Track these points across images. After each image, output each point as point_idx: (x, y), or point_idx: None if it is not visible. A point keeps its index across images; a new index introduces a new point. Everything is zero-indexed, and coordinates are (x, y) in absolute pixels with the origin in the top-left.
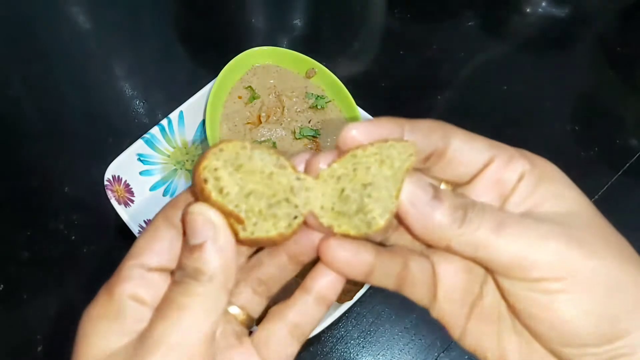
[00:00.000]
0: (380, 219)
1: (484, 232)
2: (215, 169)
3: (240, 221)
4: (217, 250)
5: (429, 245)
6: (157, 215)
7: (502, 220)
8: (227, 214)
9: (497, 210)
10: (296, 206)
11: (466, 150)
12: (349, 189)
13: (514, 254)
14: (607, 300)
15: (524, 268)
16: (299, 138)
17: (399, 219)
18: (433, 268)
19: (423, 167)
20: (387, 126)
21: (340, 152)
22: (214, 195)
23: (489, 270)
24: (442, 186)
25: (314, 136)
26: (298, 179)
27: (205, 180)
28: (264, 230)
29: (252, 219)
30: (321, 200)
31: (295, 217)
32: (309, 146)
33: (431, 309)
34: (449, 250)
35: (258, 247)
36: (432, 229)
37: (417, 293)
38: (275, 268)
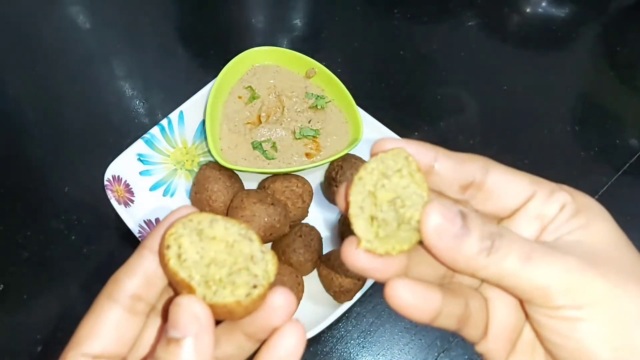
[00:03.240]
0: None
1: (510, 262)
2: (180, 237)
3: (191, 290)
4: (196, 350)
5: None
6: (100, 294)
7: (529, 251)
8: (180, 282)
9: (524, 240)
10: (256, 275)
11: (506, 183)
12: (379, 212)
13: (538, 283)
14: (628, 330)
15: (546, 296)
16: (299, 138)
17: (425, 247)
18: (486, 304)
19: (462, 198)
20: (426, 149)
21: (347, 187)
22: (172, 262)
23: (514, 296)
24: None
25: (313, 136)
26: (262, 251)
27: (168, 247)
28: (222, 296)
29: (212, 287)
30: (364, 234)
31: (255, 287)
32: (309, 146)
33: (477, 345)
34: (474, 277)
35: (217, 321)
36: (459, 260)
37: (474, 331)
38: (234, 347)
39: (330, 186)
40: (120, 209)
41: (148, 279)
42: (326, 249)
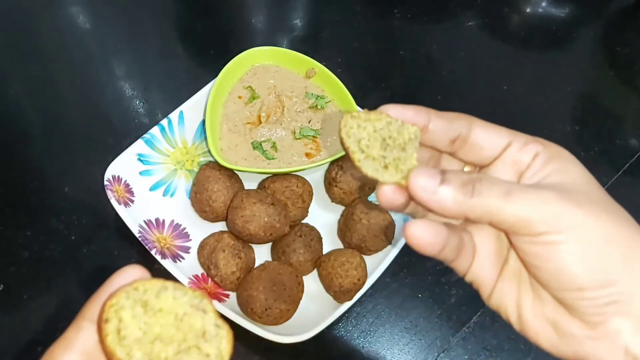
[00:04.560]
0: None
1: (493, 200)
2: (120, 309)
3: None
4: None
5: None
6: None
7: (508, 189)
8: None
9: (503, 181)
10: (207, 355)
11: (487, 136)
12: (377, 152)
13: (519, 215)
14: (600, 251)
15: (528, 225)
16: (299, 138)
17: (423, 205)
18: (472, 237)
19: (450, 150)
20: (421, 112)
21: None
22: (109, 338)
23: (502, 230)
24: (466, 169)
25: (313, 136)
26: (216, 325)
27: (106, 320)
28: None
29: None
30: (374, 173)
31: None
32: (309, 146)
33: (466, 275)
34: (468, 220)
35: None
36: (448, 207)
37: (464, 262)
38: None
39: (331, 186)
40: (120, 209)
41: (88, 356)
42: (326, 249)
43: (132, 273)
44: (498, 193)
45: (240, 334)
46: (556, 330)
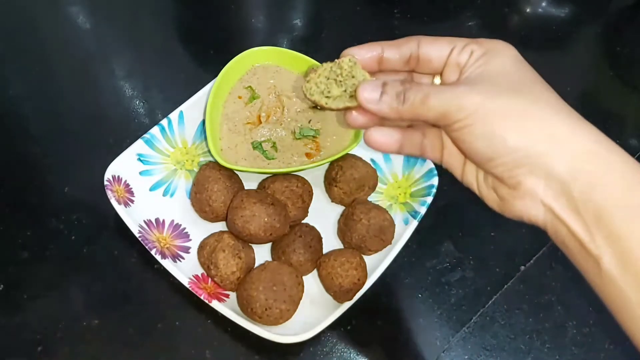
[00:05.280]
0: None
1: (417, 103)
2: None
3: None
4: None
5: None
6: None
7: (427, 92)
8: None
9: (424, 86)
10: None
11: (432, 48)
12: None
13: (438, 111)
14: (497, 126)
15: (444, 118)
16: (299, 138)
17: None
18: (441, 134)
19: (408, 68)
20: (373, 47)
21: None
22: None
23: (434, 125)
24: (436, 80)
25: (313, 136)
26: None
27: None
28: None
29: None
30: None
31: None
32: (309, 146)
33: (442, 163)
34: (404, 120)
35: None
36: (388, 112)
37: (432, 154)
38: None
39: (331, 186)
40: (120, 209)
41: None
42: (326, 249)
43: None
44: (420, 97)
45: (240, 334)
46: (497, 195)
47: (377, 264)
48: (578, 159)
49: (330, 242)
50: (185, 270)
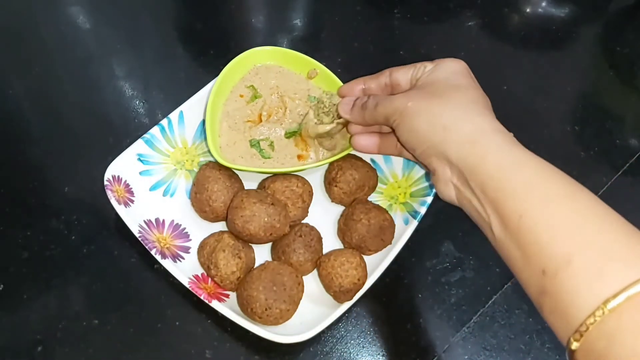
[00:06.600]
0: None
1: (371, 109)
2: None
3: None
4: None
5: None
6: None
7: (377, 101)
8: None
9: (377, 97)
10: None
11: (399, 75)
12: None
13: (383, 115)
14: (415, 123)
15: (387, 120)
16: (288, 136)
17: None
18: None
19: (392, 93)
20: (358, 82)
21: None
22: None
23: (388, 126)
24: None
25: (300, 132)
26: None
27: None
28: None
29: None
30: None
31: None
32: (299, 146)
33: (417, 161)
34: (369, 124)
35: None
36: (357, 118)
37: (407, 154)
38: None
39: (331, 186)
40: (120, 209)
41: None
42: (326, 249)
43: None
44: (373, 105)
45: (240, 334)
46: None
47: (377, 264)
48: (463, 146)
49: (330, 242)
50: (185, 270)
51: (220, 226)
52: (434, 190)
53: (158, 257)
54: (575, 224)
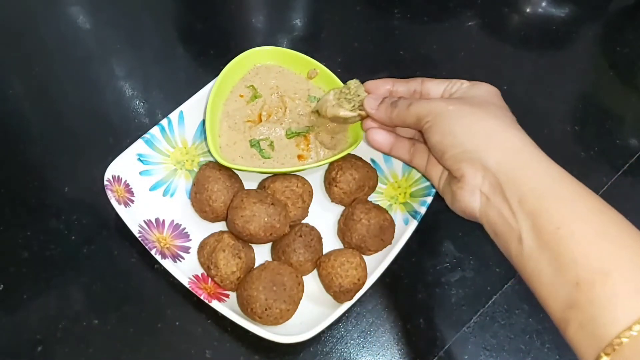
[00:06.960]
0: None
1: (402, 110)
2: None
3: None
4: None
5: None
6: None
7: (411, 101)
8: None
9: (408, 99)
10: None
11: (432, 86)
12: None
13: (415, 116)
14: (450, 126)
15: (420, 122)
16: (290, 136)
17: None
18: (427, 149)
19: (414, 97)
20: (387, 81)
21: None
22: None
23: (415, 129)
24: None
25: (305, 133)
26: None
27: None
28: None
29: None
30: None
31: None
32: (301, 146)
33: (425, 172)
34: (394, 124)
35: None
36: (382, 116)
37: (418, 162)
38: None
39: (331, 186)
40: (120, 209)
41: None
42: (326, 249)
43: None
44: (406, 105)
45: (240, 334)
46: (451, 191)
47: (377, 264)
48: (506, 154)
49: (330, 242)
50: (185, 270)
51: (220, 226)
52: (434, 190)
53: (158, 257)
54: (613, 238)
